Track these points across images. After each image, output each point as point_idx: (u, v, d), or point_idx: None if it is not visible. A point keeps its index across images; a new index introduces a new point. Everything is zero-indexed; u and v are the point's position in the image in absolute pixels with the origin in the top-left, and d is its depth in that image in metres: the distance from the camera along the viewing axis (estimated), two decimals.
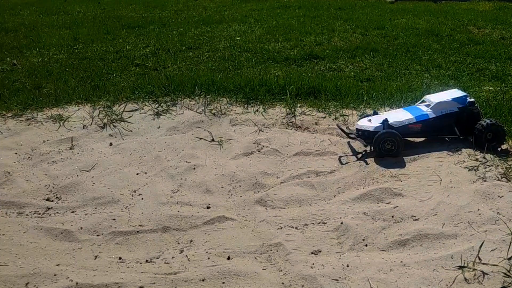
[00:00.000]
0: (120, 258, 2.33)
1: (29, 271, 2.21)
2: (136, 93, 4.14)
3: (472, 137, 3.16)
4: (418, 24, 7.03)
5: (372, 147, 3.15)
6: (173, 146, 3.39)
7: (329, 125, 3.63)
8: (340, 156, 3.18)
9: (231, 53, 5.57)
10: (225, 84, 4.26)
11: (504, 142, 3.16)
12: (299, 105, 3.96)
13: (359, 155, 3.18)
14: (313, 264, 2.24)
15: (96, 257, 2.34)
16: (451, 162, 2.99)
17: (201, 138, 3.49)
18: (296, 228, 2.53)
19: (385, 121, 3.15)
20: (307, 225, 2.55)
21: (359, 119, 3.37)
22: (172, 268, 2.26)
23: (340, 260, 2.25)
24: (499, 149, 3.13)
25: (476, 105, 3.27)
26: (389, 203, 2.67)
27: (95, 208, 2.72)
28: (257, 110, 3.88)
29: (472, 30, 6.66)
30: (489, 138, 3.10)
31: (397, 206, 2.61)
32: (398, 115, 3.26)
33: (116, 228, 2.53)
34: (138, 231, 2.52)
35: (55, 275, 2.19)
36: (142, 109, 3.92)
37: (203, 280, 2.16)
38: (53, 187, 2.91)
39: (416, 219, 2.50)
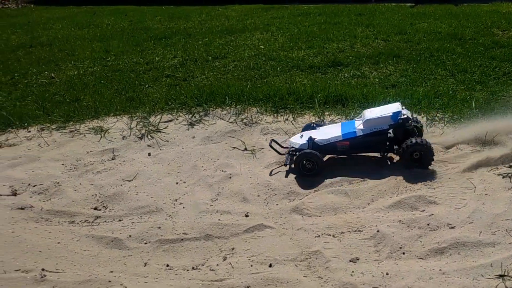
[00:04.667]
0: (167, 265, 2.45)
1: (85, 277, 2.35)
2: (170, 104, 4.29)
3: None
4: (440, 28, 7.00)
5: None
6: (208, 156, 3.51)
7: None
8: (373, 162, 3.24)
9: (256, 62, 5.68)
10: (254, 94, 4.37)
11: (431, 164, 3.08)
12: (327, 113, 4.04)
13: (389, 163, 3.24)
14: (353, 272, 2.31)
15: (145, 264, 2.47)
16: (483, 169, 3.03)
17: (234, 148, 3.59)
18: (333, 236, 2.60)
19: (310, 140, 3.19)
20: (343, 233, 2.62)
21: (303, 131, 3.41)
22: (218, 275, 2.36)
23: (379, 268, 2.32)
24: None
25: (410, 121, 3.14)
26: (423, 210, 2.72)
27: (141, 216, 2.85)
28: (286, 119, 3.98)
29: (496, 32, 6.61)
30: (416, 157, 3.04)
31: (432, 214, 2.66)
32: (328, 132, 3.27)
33: (162, 236, 2.66)
34: (182, 239, 2.64)
35: (109, 281, 2.33)
36: (177, 119, 4.07)
37: (248, 287, 2.26)
38: (100, 197, 3.06)
39: (452, 227, 2.55)
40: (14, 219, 2.85)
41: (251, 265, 2.41)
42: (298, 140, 3.26)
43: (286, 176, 3.15)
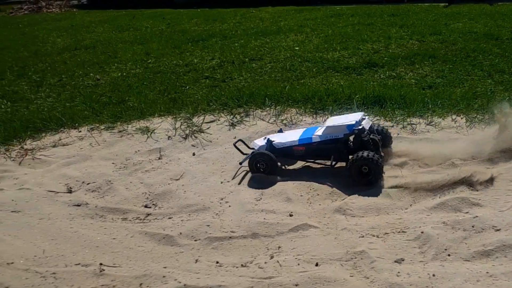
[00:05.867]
0: (217, 262, 2.54)
1: (141, 272, 2.47)
2: (211, 105, 4.43)
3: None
4: (475, 28, 6.91)
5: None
6: None
7: (398, 133, 3.72)
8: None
9: (292, 64, 5.76)
10: (293, 95, 4.45)
11: (379, 180, 3.02)
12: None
13: None
14: (399, 272, 2.34)
15: (196, 260, 2.57)
16: None
17: None
18: (377, 236, 2.63)
19: (268, 142, 3.27)
20: (387, 233, 2.65)
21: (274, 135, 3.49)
22: (266, 272, 2.43)
23: (425, 269, 2.34)
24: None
25: (366, 132, 3.10)
26: (467, 212, 2.73)
27: (189, 214, 2.96)
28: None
29: None
30: (364, 171, 2.99)
31: (476, 216, 2.66)
32: (289, 136, 3.34)
33: (211, 234, 2.76)
34: (230, 237, 2.73)
35: (164, 276, 2.44)
36: (219, 120, 4.19)
37: (296, 285, 2.31)
38: (149, 195, 3.20)
39: (498, 230, 2.55)
40: (72, 215, 3.02)
41: (298, 264, 2.47)
42: (260, 142, 3.38)
43: (328, 176, 3.21)
